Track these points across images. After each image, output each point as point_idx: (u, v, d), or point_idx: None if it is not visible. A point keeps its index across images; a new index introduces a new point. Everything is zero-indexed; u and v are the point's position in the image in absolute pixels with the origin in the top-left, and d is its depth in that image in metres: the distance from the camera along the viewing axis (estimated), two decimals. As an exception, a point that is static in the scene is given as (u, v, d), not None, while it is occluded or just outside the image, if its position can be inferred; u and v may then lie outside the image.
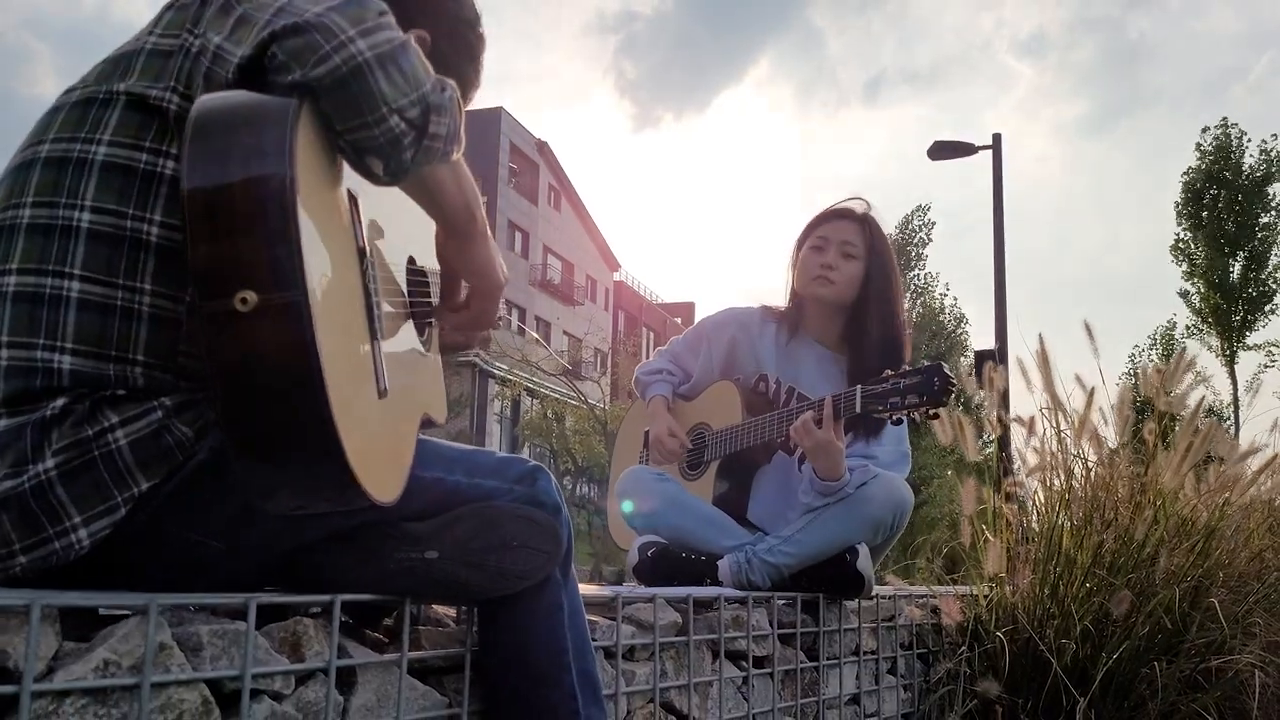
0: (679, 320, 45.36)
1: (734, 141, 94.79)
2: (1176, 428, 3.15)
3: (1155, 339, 27.05)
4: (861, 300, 2.55)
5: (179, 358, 1.11)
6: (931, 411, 2.20)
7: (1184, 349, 3.43)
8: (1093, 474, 3.09)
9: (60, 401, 1.07)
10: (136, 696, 1.00)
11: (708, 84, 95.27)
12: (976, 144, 13.63)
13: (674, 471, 2.69)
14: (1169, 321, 27.02)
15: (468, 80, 1.40)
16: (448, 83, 1.11)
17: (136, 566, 1.13)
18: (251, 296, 0.91)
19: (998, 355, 11.42)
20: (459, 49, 1.39)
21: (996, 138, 13.39)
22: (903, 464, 2.49)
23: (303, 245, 0.93)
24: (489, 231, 1.30)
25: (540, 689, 1.37)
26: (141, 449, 1.08)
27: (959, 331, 25.36)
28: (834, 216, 2.62)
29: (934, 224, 25.76)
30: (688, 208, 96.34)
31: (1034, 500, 3.23)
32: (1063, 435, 3.17)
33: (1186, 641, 2.72)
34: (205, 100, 1.01)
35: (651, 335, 41.03)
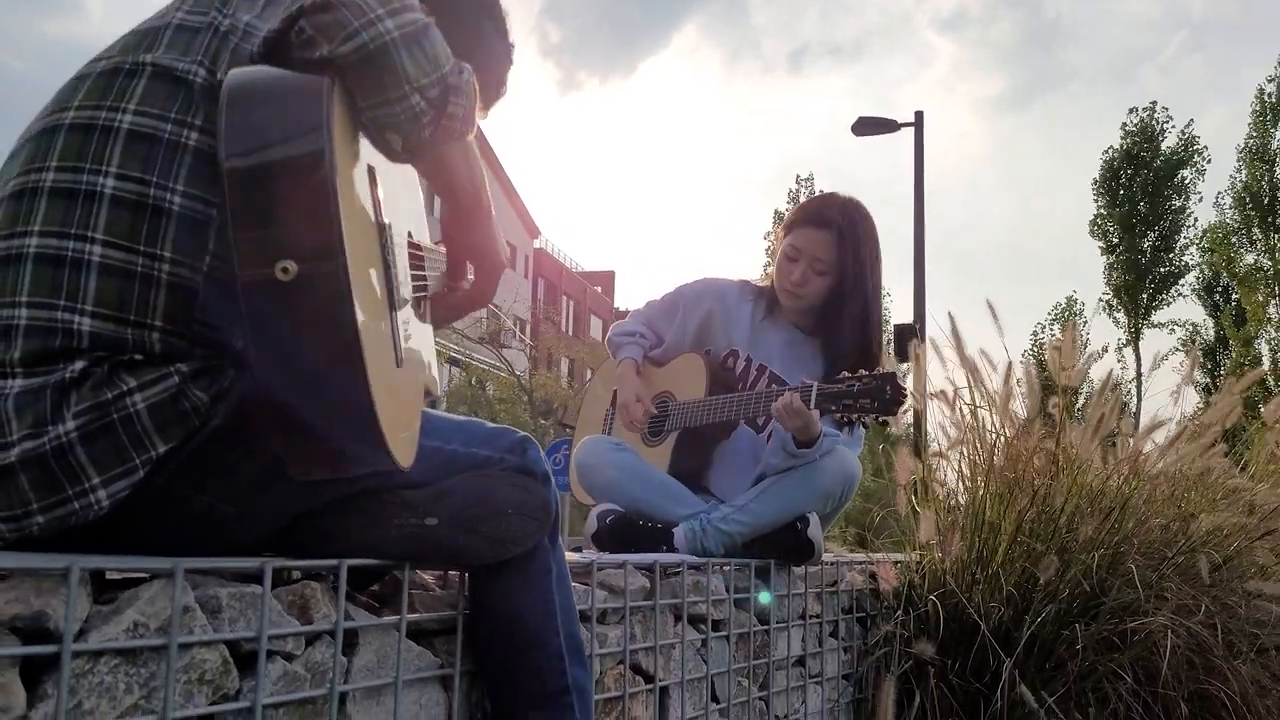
0: (599, 289, 45.37)
1: (659, 108, 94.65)
2: (1079, 400, 3.34)
3: (1056, 314, 28.16)
4: (832, 305, 2.61)
5: (195, 325, 1.13)
6: (881, 419, 2.28)
7: (1077, 324, 3.61)
8: (1010, 446, 3.23)
9: (79, 364, 1.09)
10: (164, 656, 1.04)
11: (634, 49, 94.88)
12: (899, 120, 13.89)
13: (635, 437, 2.76)
14: (1068, 297, 28.17)
15: (490, 92, 1.44)
16: (464, 66, 1.15)
17: (145, 529, 1.16)
18: (292, 266, 0.95)
19: (917, 330, 11.72)
20: (484, 57, 1.42)
21: (919, 115, 13.64)
22: (857, 438, 2.60)
23: (341, 217, 0.97)
24: (493, 211, 1.34)
25: (529, 651, 1.43)
26: (159, 413, 1.10)
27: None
28: (810, 223, 2.60)
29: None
30: (610, 174, 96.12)
31: (957, 471, 3.39)
32: (978, 410, 3.33)
33: (1104, 605, 2.89)
34: (240, 74, 1.03)
35: (572, 303, 40.97)
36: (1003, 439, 3.22)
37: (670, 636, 1.98)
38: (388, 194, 1.26)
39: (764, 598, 2.40)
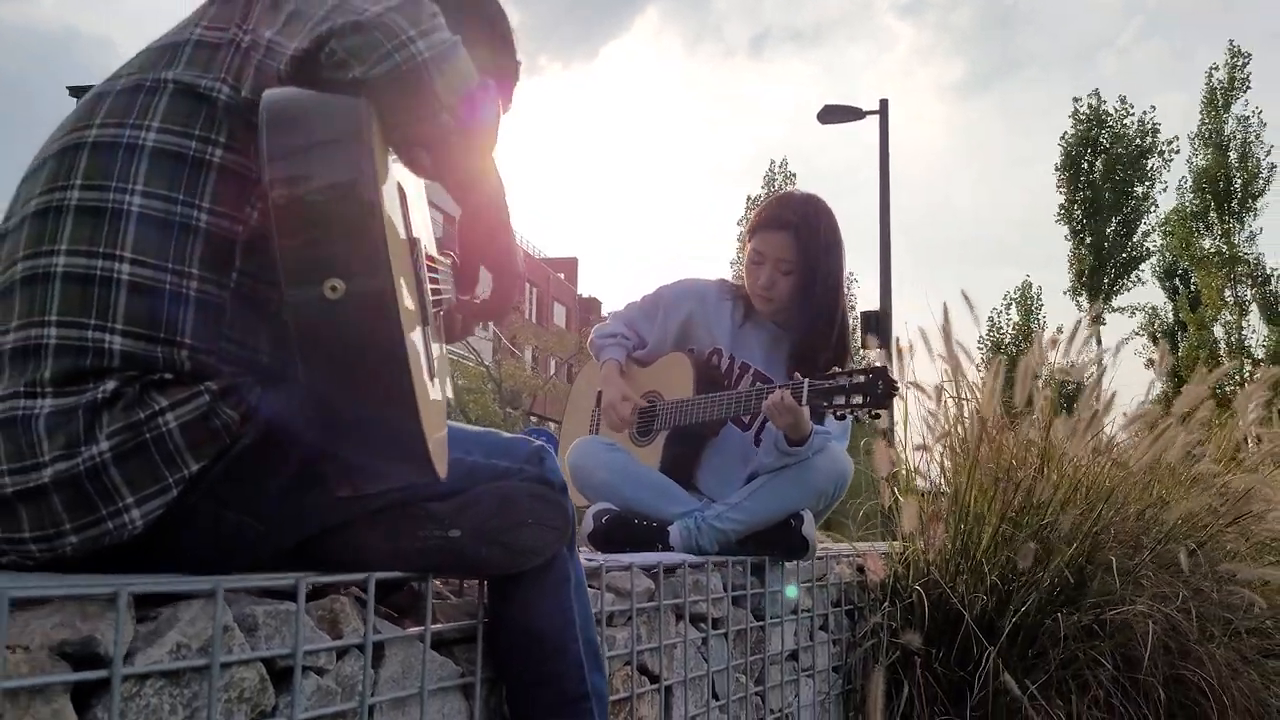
0: (562, 276, 45.23)
1: (623, 92, 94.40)
2: (1042, 390, 3.42)
3: (1012, 299, 28.65)
4: (802, 301, 2.65)
5: (222, 342, 1.14)
6: (873, 413, 2.32)
7: (1067, 325, 3.71)
8: (994, 439, 3.29)
9: (111, 384, 1.09)
10: (206, 677, 1.04)
11: (596, 33, 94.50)
12: (864, 108, 13.98)
13: (624, 437, 2.78)
14: (1024, 282, 28.65)
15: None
16: (488, 81, 1.17)
17: (174, 547, 1.16)
18: (340, 284, 0.97)
19: (881, 317, 11.85)
20: (493, 74, 1.44)
21: (884, 103, 13.74)
22: (845, 433, 2.63)
23: (385, 236, 0.99)
24: (511, 222, 1.35)
25: (549, 660, 1.44)
26: (191, 432, 1.11)
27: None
28: (768, 226, 2.64)
29: (795, 176, 26.90)
30: (573, 160, 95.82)
31: (938, 462, 3.44)
32: (962, 402, 3.38)
33: (1085, 594, 2.96)
34: (278, 95, 1.04)
35: (535, 290, 40.82)
36: (987, 432, 3.27)
37: (673, 636, 2.01)
38: (410, 210, 1.28)
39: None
